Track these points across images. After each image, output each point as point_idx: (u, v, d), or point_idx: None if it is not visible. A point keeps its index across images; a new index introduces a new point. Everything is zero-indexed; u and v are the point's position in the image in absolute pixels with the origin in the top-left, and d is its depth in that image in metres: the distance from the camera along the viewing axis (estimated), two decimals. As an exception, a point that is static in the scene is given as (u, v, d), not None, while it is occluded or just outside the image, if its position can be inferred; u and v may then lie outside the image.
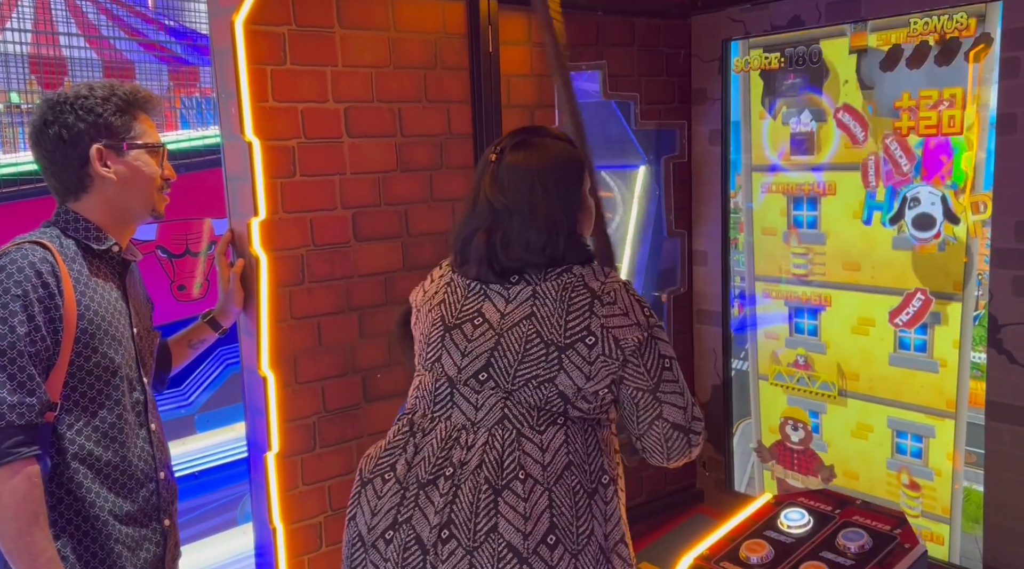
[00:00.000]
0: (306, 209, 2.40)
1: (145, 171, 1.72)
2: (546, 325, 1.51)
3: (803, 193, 3.06)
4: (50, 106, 1.65)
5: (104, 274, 1.69)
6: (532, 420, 1.51)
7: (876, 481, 2.97)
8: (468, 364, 1.55)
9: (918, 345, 2.81)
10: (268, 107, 2.30)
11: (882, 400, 2.92)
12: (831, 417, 3.08)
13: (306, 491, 2.47)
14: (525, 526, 1.45)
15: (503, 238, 1.56)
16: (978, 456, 2.66)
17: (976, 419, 2.66)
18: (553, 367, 1.50)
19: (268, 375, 2.36)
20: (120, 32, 4.16)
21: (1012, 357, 2.49)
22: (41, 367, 1.54)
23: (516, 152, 1.60)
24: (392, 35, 2.52)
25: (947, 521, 2.80)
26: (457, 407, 1.55)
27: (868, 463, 2.99)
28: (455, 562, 1.45)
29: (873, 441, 2.96)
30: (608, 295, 1.52)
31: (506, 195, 1.57)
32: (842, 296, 2.99)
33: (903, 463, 2.90)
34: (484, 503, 1.46)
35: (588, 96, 3.10)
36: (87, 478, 1.61)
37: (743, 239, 3.26)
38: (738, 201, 3.27)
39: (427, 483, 1.52)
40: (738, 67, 3.19)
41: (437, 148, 2.66)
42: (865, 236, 2.89)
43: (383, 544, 1.53)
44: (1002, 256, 2.49)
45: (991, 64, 2.49)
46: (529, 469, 1.48)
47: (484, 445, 1.50)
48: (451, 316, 1.60)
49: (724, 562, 2.12)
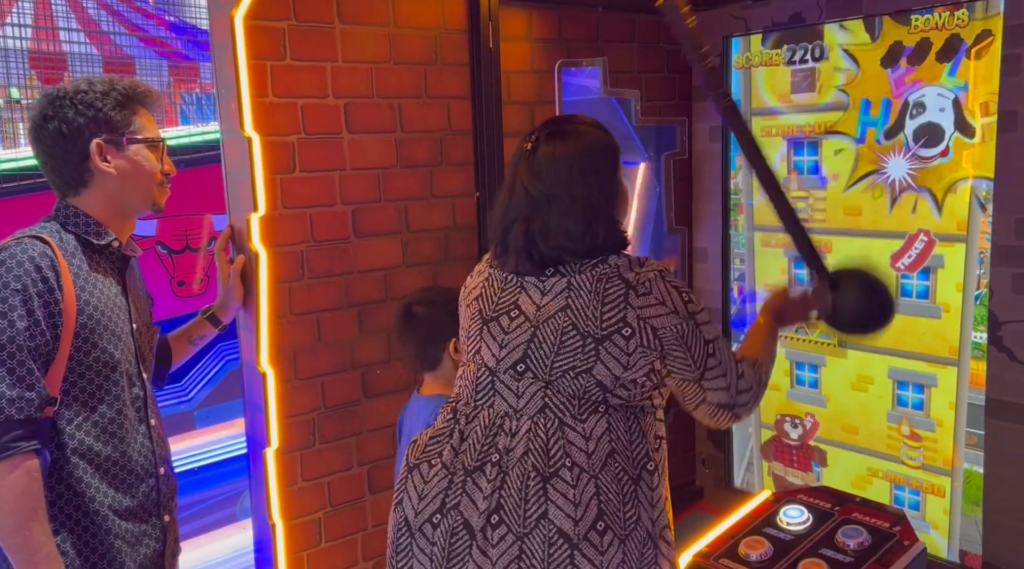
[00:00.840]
0: (306, 205, 2.40)
1: (145, 166, 1.72)
2: (582, 317, 1.51)
3: (803, 135, 3.02)
4: (50, 101, 1.65)
5: (104, 269, 1.69)
6: (573, 409, 1.52)
7: (876, 434, 2.94)
8: (506, 355, 1.57)
9: (920, 291, 2.77)
10: (268, 103, 2.30)
11: (883, 350, 2.88)
12: (831, 370, 3.05)
13: (305, 487, 2.47)
14: (575, 513, 1.46)
15: (542, 227, 1.56)
16: (978, 438, 2.64)
17: (977, 400, 2.64)
18: (590, 358, 1.50)
19: (268, 371, 2.36)
20: (120, 27, 4.15)
21: (1012, 355, 2.49)
22: (40, 362, 1.54)
23: (552, 141, 1.59)
24: (392, 31, 2.52)
25: (948, 473, 2.76)
26: (499, 395, 1.57)
27: (868, 416, 2.96)
28: (505, 547, 1.46)
29: (873, 393, 2.93)
30: (643, 285, 1.51)
31: (544, 183, 1.56)
32: (842, 242, 2.95)
33: (904, 414, 2.86)
34: (534, 490, 1.48)
35: (588, 92, 3.09)
36: (87, 473, 1.61)
37: (743, 227, 3.26)
38: (738, 181, 3.25)
39: (474, 470, 1.53)
40: (739, 64, 3.18)
41: (437, 144, 2.65)
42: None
43: (430, 528, 1.54)
44: (1002, 253, 2.49)
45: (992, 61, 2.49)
46: (575, 457, 1.50)
47: (528, 433, 1.52)
48: (488, 309, 1.62)
49: (723, 559, 2.12)
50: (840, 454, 3.08)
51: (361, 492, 2.59)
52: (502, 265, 1.64)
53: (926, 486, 2.82)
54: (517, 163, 1.62)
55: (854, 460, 3.03)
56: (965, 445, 2.71)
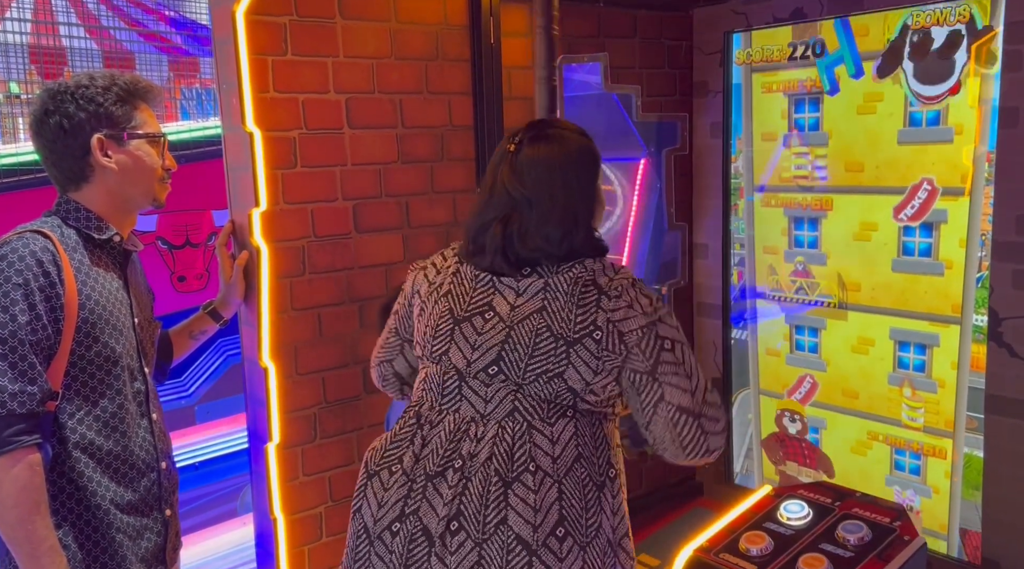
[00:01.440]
0: (307, 200, 2.40)
1: (146, 161, 1.72)
2: (556, 319, 1.50)
3: (804, 91, 3.00)
4: (51, 95, 1.65)
5: (105, 264, 1.69)
6: (543, 412, 1.51)
7: (876, 397, 2.94)
8: (478, 357, 1.54)
9: (923, 249, 2.75)
10: (269, 98, 2.30)
11: (884, 310, 2.86)
12: (831, 333, 3.04)
13: (307, 482, 2.48)
14: (535, 518, 1.45)
15: (520, 228, 1.55)
16: (978, 422, 2.63)
17: (977, 384, 2.63)
18: (561, 362, 1.49)
19: (269, 366, 2.36)
20: (120, 22, 4.15)
21: (1012, 351, 2.49)
22: (42, 356, 1.54)
23: (536, 144, 1.58)
24: (393, 26, 2.52)
25: (950, 435, 2.75)
26: (466, 399, 1.55)
27: (868, 379, 2.95)
28: (464, 554, 1.45)
29: (874, 355, 2.92)
30: (615, 289, 1.51)
31: (526, 185, 1.56)
32: (843, 200, 2.93)
33: (905, 376, 2.85)
34: (494, 495, 1.46)
35: (589, 88, 3.09)
36: (88, 467, 1.61)
37: (743, 209, 3.26)
38: (739, 165, 3.24)
39: (435, 475, 1.51)
40: (740, 60, 3.18)
41: (438, 140, 2.65)
42: (869, 133, 2.81)
43: (389, 536, 1.52)
44: (1003, 250, 2.49)
45: (993, 58, 2.49)
46: (539, 461, 1.48)
47: (494, 437, 1.50)
48: (460, 308, 1.59)
49: (724, 554, 2.13)
50: (839, 419, 3.07)
51: (362, 487, 2.59)
52: (476, 263, 1.61)
53: (927, 448, 2.79)
54: (499, 163, 1.61)
55: (854, 425, 3.02)
56: (966, 429, 2.69)
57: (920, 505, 2.86)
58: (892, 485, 2.95)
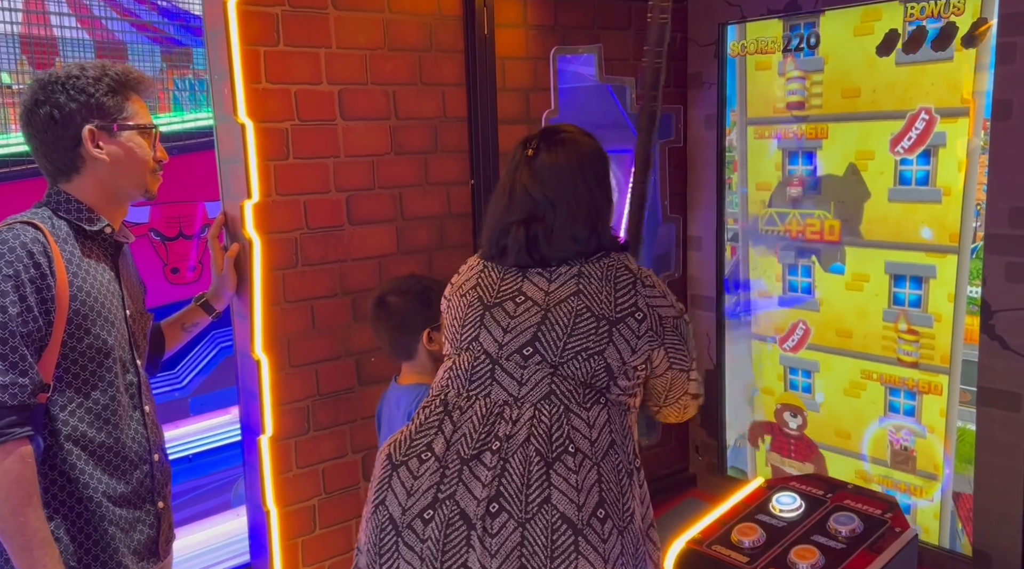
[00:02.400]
0: (300, 192, 2.39)
1: (137, 153, 1.71)
2: (595, 301, 1.58)
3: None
4: (41, 86, 1.64)
5: (96, 255, 1.68)
6: (579, 397, 1.54)
7: (871, 336, 2.91)
8: (511, 340, 1.58)
9: (920, 177, 2.69)
10: (261, 89, 2.29)
11: (880, 244, 2.83)
12: (823, 275, 3.01)
13: (300, 474, 2.48)
14: (578, 498, 1.46)
15: (545, 229, 1.62)
16: (971, 394, 2.62)
17: (971, 356, 2.62)
18: (603, 340, 1.55)
19: (262, 358, 2.36)
20: (112, 12, 4.12)
21: (1004, 343, 2.50)
22: (33, 348, 1.53)
23: (553, 149, 1.66)
24: (387, 16, 2.51)
25: (946, 372, 2.73)
26: (498, 383, 1.57)
27: (863, 316, 2.92)
28: (507, 535, 1.44)
29: (869, 292, 2.89)
30: (647, 278, 1.63)
31: (547, 188, 1.64)
32: (840, 129, 2.89)
33: (901, 312, 2.82)
34: (536, 475, 1.47)
35: (583, 80, 3.08)
36: (80, 459, 1.61)
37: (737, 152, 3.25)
38: (732, 138, 3.20)
39: (471, 458, 1.51)
40: (734, 51, 3.18)
41: (432, 131, 2.64)
42: (868, 60, 2.77)
43: (421, 524, 1.49)
44: (995, 242, 2.49)
45: (986, 49, 2.49)
46: (579, 443, 1.51)
47: (531, 419, 1.51)
48: (489, 296, 1.64)
49: (716, 545, 2.14)
50: (833, 360, 3.05)
51: (355, 479, 2.59)
52: (500, 263, 1.68)
53: (922, 385, 2.76)
54: (516, 168, 1.68)
55: (847, 365, 3.00)
56: (960, 403, 2.67)
57: (915, 445, 2.83)
58: (886, 424, 2.92)
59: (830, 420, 3.09)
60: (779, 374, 3.23)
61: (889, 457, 2.92)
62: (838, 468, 3.06)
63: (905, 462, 2.88)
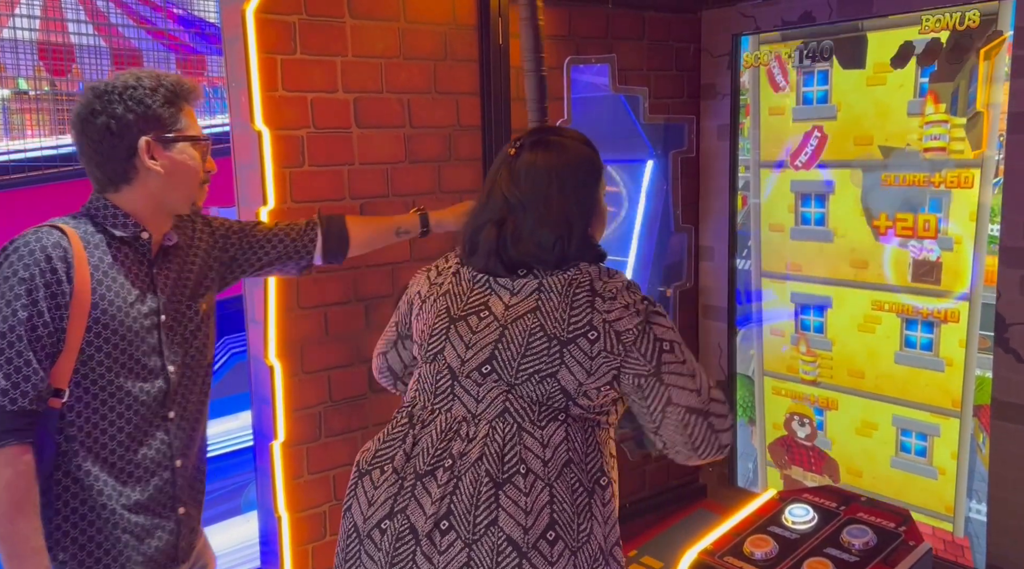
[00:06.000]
0: (315, 199, 2.40)
1: (190, 165, 1.69)
2: (550, 319, 1.51)
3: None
4: (97, 95, 1.62)
5: (130, 264, 1.67)
6: (533, 415, 1.50)
7: (883, 377, 2.92)
8: (472, 356, 1.54)
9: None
10: (278, 96, 2.30)
11: (892, 287, 2.87)
12: (836, 312, 3.03)
13: (311, 480, 2.48)
14: (526, 521, 1.44)
15: (514, 232, 1.56)
16: (989, 339, 2.59)
17: (990, 299, 2.59)
18: (555, 362, 1.49)
19: (275, 364, 2.36)
20: (128, 20, 4.16)
21: (1019, 356, 2.48)
22: (43, 353, 1.52)
23: (535, 150, 1.60)
24: (402, 25, 2.52)
25: (957, 415, 2.73)
26: (458, 399, 1.55)
27: (874, 357, 2.95)
28: (454, 554, 1.44)
29: (881, 333, 2.92)
30: (609, 292, 1.53)
31: (521, 190, 1.58)
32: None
33: (914, 356, 2.84)
34: (485, 496, 1.45)
35: (597, 89, 3.09)
36: (93, 466, 1.60)
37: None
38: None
39: (425, 474, 1.51)
40: (748, 63, 3.18)
41: (446, 140, 2.65)
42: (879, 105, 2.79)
43: (378, 534, 1.52)
44: (1011, 255, 2.49)
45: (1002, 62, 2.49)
46: (530, 464, 1.48)
47: (485, 437, 1.50)
48: (457, 308, 1.60)
49: (728, 557, 2.12)
50: (844, 400, 3.04)
51: (366, 486, 2.59)
52: (472, 264, 1.63)
53: (937, 314, 2.76)
54: (498, 168, 1.63)
55: (858, 405, 3.01)
56: (979, 350, 2.65)
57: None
58: (897, 466, 2.93)
59: (840, 461, 3.07)
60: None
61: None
62: (851, 477, 3.06)
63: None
